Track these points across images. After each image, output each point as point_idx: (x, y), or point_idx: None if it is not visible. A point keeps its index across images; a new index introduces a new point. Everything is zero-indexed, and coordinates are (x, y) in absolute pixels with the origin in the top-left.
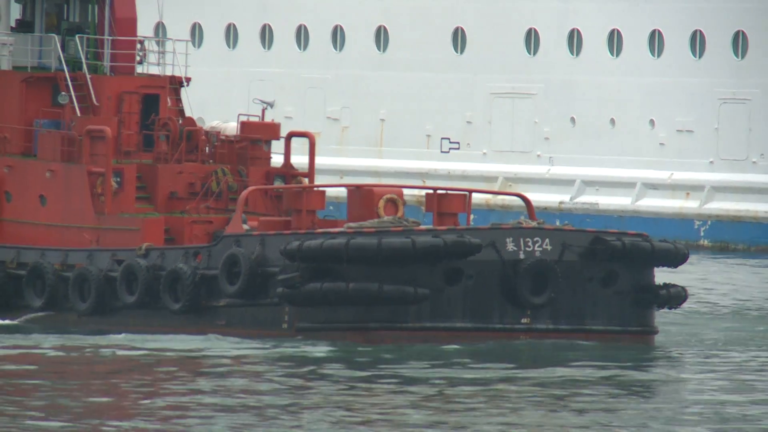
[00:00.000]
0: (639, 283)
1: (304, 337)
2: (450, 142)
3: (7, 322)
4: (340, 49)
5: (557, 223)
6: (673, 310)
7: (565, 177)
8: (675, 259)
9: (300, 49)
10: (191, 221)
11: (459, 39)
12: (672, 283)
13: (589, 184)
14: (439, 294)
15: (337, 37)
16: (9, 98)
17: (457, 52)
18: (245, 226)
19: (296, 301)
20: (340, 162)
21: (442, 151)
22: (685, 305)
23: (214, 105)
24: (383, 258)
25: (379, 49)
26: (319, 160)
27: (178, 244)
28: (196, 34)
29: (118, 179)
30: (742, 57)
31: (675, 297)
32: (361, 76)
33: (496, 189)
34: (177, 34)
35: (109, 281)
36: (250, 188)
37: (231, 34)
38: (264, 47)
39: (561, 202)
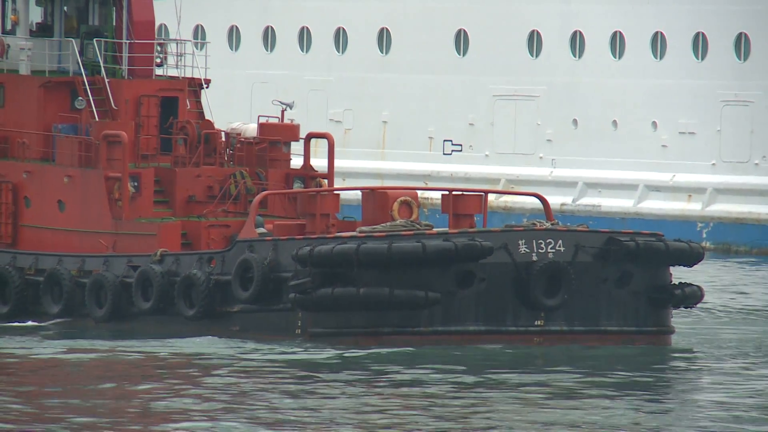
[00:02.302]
0: (654, 282)
1: (317, 343)
2: (452, 144)
3: (26, 324)
4: (343, 52)
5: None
6: (689, 310)
7: (568, 179)
8: (690, 258)
9: (302, 51)
10: (208, 225)
11: (461, 41)
12: (688, 282)
13: (592, 186)
14: (451, 297)
15: (340, 39)
16: (28, 103)
17: (459, 54)
18: (262, 230)
19: (308, 307)
20: (343, 164)
21: (444, 154)
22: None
23: (217, 107)
24: (394, 262)
25: (381, 51)
26: (322, 162)
27: (195, 249)
28: (199, 36)
29: (136, 183)
30: (745, 59)
31: (691, 296)
32: (364, 78)
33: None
34: (179, 35)
35: (125, 287)
36: (264, 192)
37: (233, 37)
38: (266, 49)
39: (563, 204)
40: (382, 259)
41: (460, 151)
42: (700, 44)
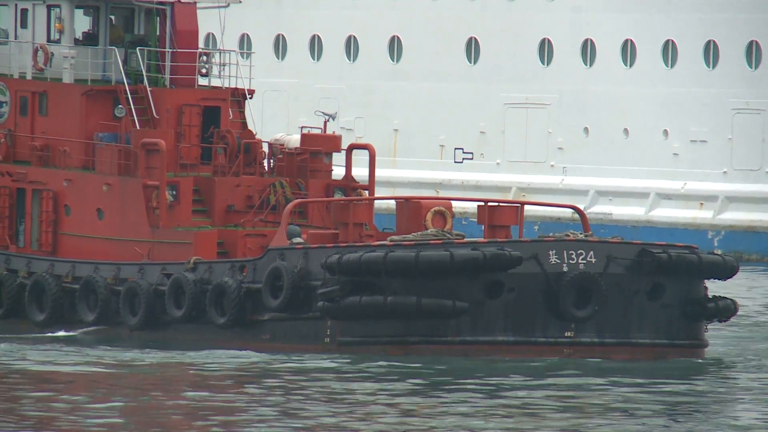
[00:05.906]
0: (686, 295)
1: (346, 351)
2: (464, 153)
3: (60, 334)
4: (354, 60)
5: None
6: (722, 323)
7: (579, 187)
8: (723, 271)
9: (313, 59)
10: (245, 234)
11: (472, 49)
12: (721, 296)
13: (603, 194)
14: (480, 307)
15: (351, 47)
16: (70, 111)
17: (470, 62)
18: (298, 239)
19: (337, 315)
20: (354, 172)
21: (455, 162)
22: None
23: None
24: (421, 271)
25: (392, 59)
26: (334, 171)
27: (231, 258)
28: (210, 44)
29: (174, 192)
30: (756, 67)
31: (724, 310)
32: (375, 86)
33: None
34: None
35: (158, 295)
36: (295, 201)
37: (245, 45)
38: (278, 58)
39: (574, 213)
40: (410, 268)
41: (471, 159)
42: (711, 52)
